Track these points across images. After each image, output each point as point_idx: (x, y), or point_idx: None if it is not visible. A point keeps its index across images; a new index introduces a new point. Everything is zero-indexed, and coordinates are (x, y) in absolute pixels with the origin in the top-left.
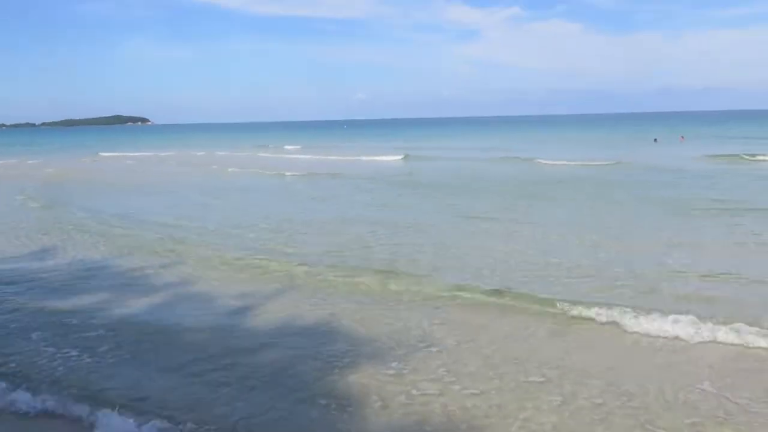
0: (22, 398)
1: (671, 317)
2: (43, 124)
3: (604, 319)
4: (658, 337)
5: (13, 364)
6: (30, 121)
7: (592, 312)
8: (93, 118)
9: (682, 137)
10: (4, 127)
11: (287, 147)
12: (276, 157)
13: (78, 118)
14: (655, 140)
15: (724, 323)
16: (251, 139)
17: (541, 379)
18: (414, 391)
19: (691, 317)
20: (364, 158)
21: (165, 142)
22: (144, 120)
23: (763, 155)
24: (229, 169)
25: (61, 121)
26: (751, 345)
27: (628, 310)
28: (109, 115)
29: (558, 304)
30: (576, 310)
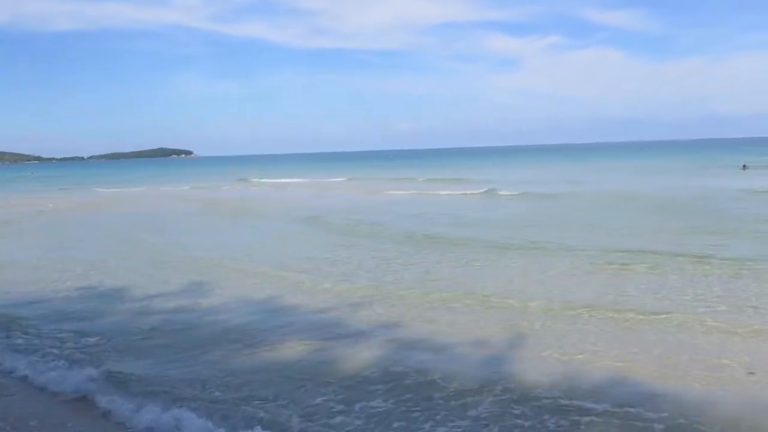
0: None
1: None
2: (91, 157)
3: None
4: None
5: None
6: (79, 155)
7: None
8: (138, 151)
9: None
10: (54, 161)
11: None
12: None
13: (124, 151)
14: (744, 167)
15: None
16: (302, 171)
17: None
18: None
19: None
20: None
21: (186, 175)
22: (188, 152)
23: None
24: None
25: (108, 155)
26: None
27: None
28: (155, 147)
29: None
30: None
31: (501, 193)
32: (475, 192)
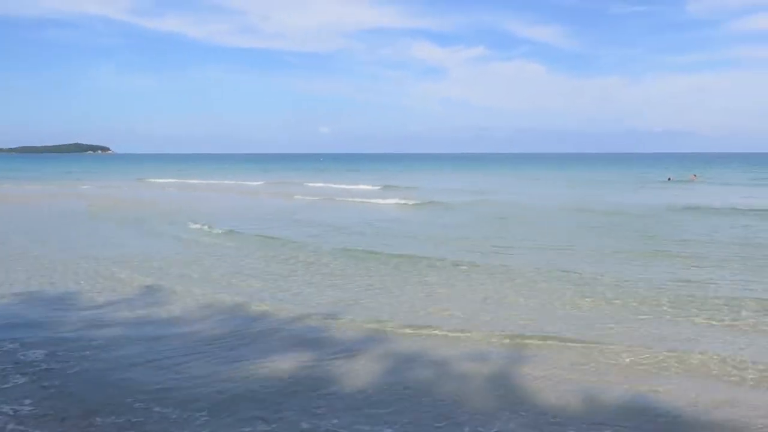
0: None
1: None
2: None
3: None
4: None
5: None
6: None
7: None
8: (52, 146)
9: (694, 176)
10: None
11: (253, 183)
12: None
13: (36, 145)
14: (669, 179)
15: None
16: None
17: None
18: None
19: None
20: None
21: (92, 172)
22: (104, 149)
23: None
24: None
25: (18, 148)
26: None
27: None
28: (69, 143)
29: None
30: None
31: (411, 203)
32: (389, 202)
